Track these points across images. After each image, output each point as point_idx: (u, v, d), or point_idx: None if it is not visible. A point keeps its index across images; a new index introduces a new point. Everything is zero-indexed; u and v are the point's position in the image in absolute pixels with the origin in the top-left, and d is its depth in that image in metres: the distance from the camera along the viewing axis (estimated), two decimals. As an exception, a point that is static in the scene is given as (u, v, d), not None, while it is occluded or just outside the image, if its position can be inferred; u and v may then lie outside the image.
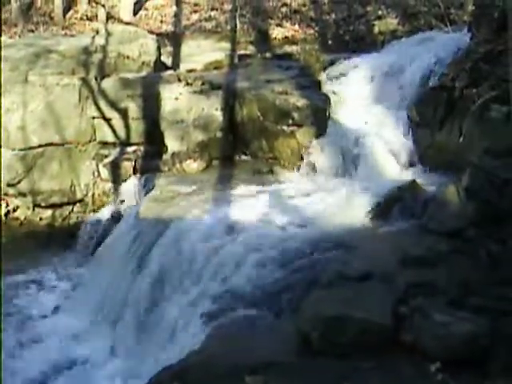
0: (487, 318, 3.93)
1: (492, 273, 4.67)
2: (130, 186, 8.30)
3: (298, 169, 7.84)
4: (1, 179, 8.72)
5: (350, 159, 7.55)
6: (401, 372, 3.74)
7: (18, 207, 9.00)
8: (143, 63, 9.65)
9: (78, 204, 9.03)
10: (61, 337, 6.39)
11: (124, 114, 8.76)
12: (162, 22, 13.72)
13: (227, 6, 13.80)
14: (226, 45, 12.05)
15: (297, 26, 13.08)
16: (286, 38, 12.70)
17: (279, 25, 13.17)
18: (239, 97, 8.40)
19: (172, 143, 8.37)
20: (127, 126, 8.80)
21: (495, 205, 5.29)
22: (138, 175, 8.35)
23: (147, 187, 7.83)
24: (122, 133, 8.85)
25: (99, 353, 6.03)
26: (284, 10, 13.74)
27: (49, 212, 9.03)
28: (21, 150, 8.82)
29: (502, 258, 4.81)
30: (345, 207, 6.25)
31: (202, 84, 8.76)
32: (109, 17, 13.14)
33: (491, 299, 4.20)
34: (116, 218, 8.09)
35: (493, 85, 6.31)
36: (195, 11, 13.97)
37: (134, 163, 8.47)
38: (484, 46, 6.95)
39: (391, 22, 12.35)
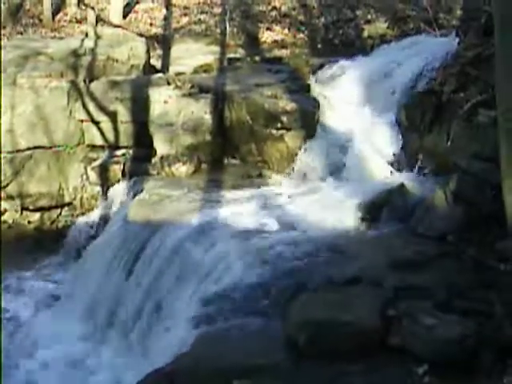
0: (473, 320, 3.96)
1: (478, 276, 4.70)
2: (119, 189, 8.28)
3: (287, 172, 7.84)
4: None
5: (339, 163, 7.56)
6: (389, 375, 3.75)
7: (6, 210, 8.95)
8: (132, 66, 9.64)
9: (66, 207, 8.98)
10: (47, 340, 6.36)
11: (113, 117, 8.73)
12: (151, 24, 13.69)
13: (217, 10, 13.81)
14: (216, 48, 12.07)
15: (286, 30, 13.09)
16: (276, 41, 12.72)
17: (269, 28, 13.18)
18: (228, 100, 8.39)
19: (161, 146, 8.34)
20: (116, 129, 8.78)
21: (482, 209, 5.32)
22: (127, 178, 8.32)
23: (136, 190, 7.80)
24: (110, 136, 8.82)
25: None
26: (274, 13, 13.75)
27: (37, 215, 8.98)
28: (9, 152, 8.78)
29: (488, 261, 4.84)
30: (334, 211, 6.26)
31: (192, 87, 8.75)
32: (98, 19, 13.08)
33: (476, 302, 4.24)
34: (104, 221, 8.06)
35: (480, 89, 6.34)
36: (185, 14, 13.94)
37: (122, 166, 8.44)
38: (472, 50, 6.98)
39: (380, 26, 12.40)
